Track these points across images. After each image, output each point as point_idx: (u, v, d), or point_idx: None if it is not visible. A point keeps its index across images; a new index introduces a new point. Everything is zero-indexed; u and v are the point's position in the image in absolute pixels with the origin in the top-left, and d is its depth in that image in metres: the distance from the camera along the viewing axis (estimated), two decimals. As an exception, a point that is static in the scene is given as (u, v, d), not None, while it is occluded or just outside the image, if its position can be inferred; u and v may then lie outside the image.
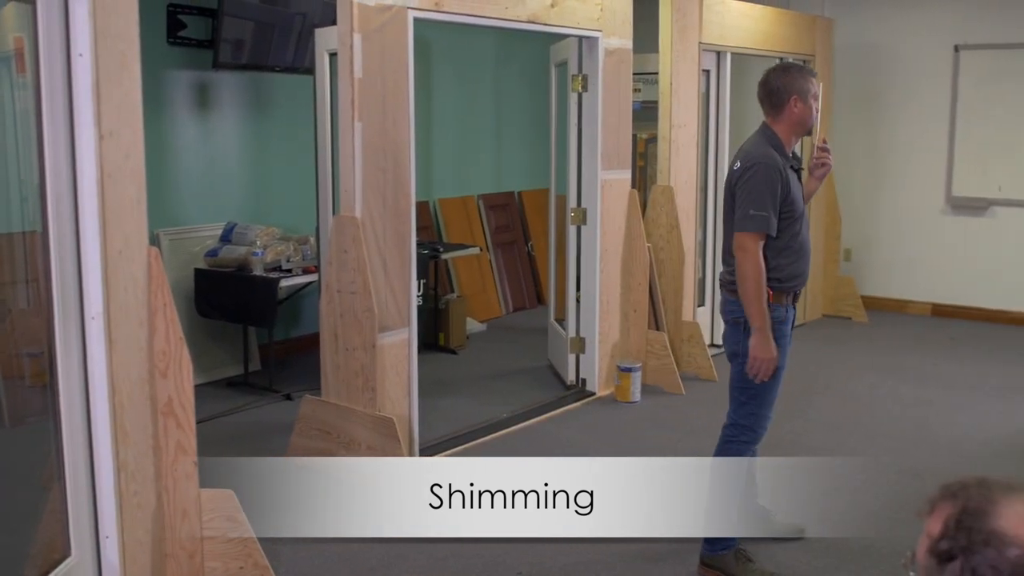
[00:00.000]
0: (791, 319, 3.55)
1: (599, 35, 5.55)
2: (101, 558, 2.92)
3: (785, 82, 3.47)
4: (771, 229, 3.35)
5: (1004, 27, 7.51)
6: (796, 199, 3.45)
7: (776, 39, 7.13)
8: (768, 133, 3.50)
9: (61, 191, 2.73)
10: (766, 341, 3.35)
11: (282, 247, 5.79)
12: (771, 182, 3.35)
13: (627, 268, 5.89)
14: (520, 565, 3.67)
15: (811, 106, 3.47)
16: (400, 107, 4.44)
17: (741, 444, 3.55)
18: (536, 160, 8.68)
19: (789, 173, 3.43)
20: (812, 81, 3.49)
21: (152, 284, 2.94)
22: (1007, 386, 6.05)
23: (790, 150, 3.53)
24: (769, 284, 3.41)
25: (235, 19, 5.78)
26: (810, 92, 3.47)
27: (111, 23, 2.75)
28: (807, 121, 3.49)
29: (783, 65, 3.60)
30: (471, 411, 5.51)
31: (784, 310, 3.49)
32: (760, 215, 3.33)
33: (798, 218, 3.47)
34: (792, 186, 3.44)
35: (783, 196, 3.38)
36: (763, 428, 3.56)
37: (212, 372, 6.04)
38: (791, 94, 3.45)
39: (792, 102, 3.45)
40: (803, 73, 3.49)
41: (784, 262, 3.46)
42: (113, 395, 2.86)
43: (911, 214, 8.07)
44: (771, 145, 3.46)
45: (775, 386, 3.50)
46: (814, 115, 3.49)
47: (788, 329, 3.51)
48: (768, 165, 3.37)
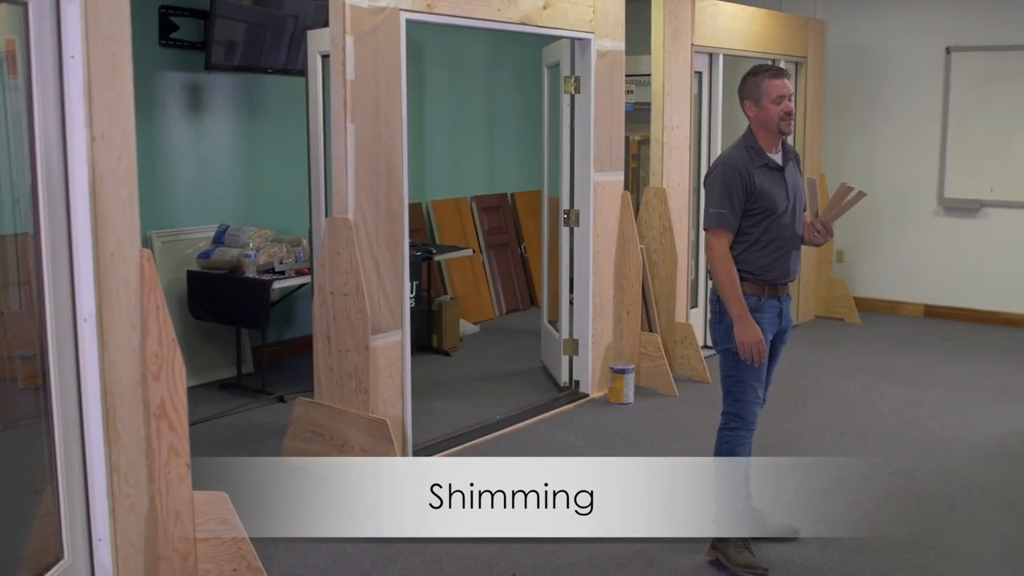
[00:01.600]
0: (773, 310, 3.62)
1: (591, 37, 5.55)
2: (94, 561, 2.92)
3: (739, 89, 3.65)
4: (727, 225, 3.51)
5: (996, 29, 7.54)
6: (767, 195, 3.53)
7: (768, 41, 7.15)
8: (746, 134, 3.64)
9: (53, 193, 2.72)
10: (746, 325, 3.51)
11: (275, 249, 5.78)
12: (729, 181, 3.51)
13: (620, 270, 5.89)
14: (514, 566, 3.67)
15: (768, 109, 3.53)
16: (393, 109, 4.44)
17: (731, 431, 3.66)
18: (529, 162, 8.69)
19: (761, 172, 3.53)
20: (767, 84, 3.53)
21: (144, 286, 2.94)
22: (999, 387, 6.07)
23: (773, 149, 3.60)
24: (742, 275, 3.55)
25: (227, 21, 5.78)
26: (765, 95, 3.53)
27: (103, 25, 2.75)
28: (767, 122, 3.56)
29: (750, 70, 3.66)
30: (464, 413, 5.51)
31: (758, 299, 3.58)
32: (717, 212, 3.52)
33: (771, 214, 3.55)
34: (762, 183, 3.52)
35: (748, 193, 3.51)
36: (751, 415, 3.63)
37: (205, 374, 6.03)
38: (743, 99, 3.61)
39: (746, 107, 3.60)
40: (757, 78, 3.57)
41: (756, 255, 3.56)
42: (106, 397, 2.85)
43: (903, 216, 8.10)
44: (746, 146, 3.59)
45: (756, 373, 3.59)
46: (774, 117, 3.53)
47: (765, 319, 3.59)
48: (728, 166, 3.54)
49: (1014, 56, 7.47)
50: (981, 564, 3.69)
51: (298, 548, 3.80)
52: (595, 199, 5.69)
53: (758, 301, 3.58)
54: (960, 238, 7.88)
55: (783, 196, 3.58)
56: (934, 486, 4.46)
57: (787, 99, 3.53)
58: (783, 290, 3.64)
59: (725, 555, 3.64)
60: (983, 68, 7.63)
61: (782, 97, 3.53)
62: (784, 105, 3.53)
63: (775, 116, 3.53)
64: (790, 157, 3.69)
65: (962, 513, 4.16)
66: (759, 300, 3.58)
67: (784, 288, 3.65)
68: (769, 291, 3.60)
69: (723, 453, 3.67)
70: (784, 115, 3.53)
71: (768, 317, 3.60)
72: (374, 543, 3.84)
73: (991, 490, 4.41)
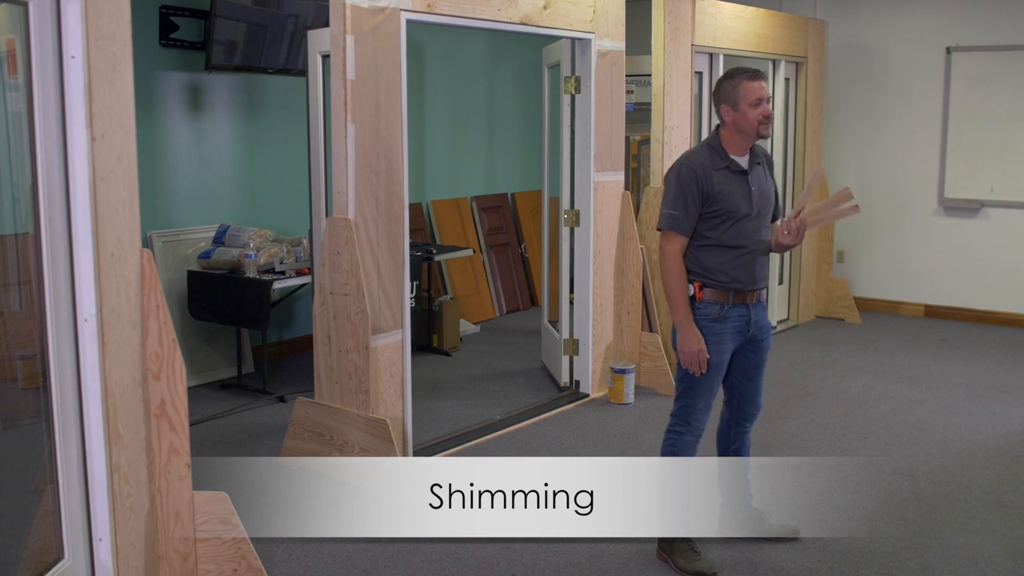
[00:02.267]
0: (739, 319, 3.53)
1: (592, 37, 5.55)
2: (94, 561, 2.92)
3: (715, 93, 3.57)
4: (680, 228, 3.45)
5: (996, 29, 7.54)
6: (727, 198, 3.45)
7: (768, 41, 7.16)
8: (712, 135, 3.58)
9: (53, 193, 2.72)
10: (687, 334, 3.46)
11: (275, 249, 5.78)
12: (684, 182, 3.44)
13: (620, 270, 5.89)
14: (515, 566, 3.67)
15: (746, 112, 3.45)
16: (393, 109, 4.44)
17: (676, 435, 3.62)
18: (529, 162, 8.69)
19: (721, 174, 3.46)
20: (744, 87, 3.45)
21: (145, 286, 2.94)
22: (999, 387, 6.07)
23: (741, 153, 3.52)
24: (705, 281, 3.49)
25: (227, 21, 5.78)
26: (743, 99, 3.45)
27: (103, 25, 2.75)
28: (745, 127, 3.48)
29: (726, 73, 3.59)
30: (464, 413, 5.51)
31: (720, 308, 3.50)
32: (669, 213, 3.45)
33: (730, 218, 3.46)
34: (721, 185, 3.45)
35: (704, 195, 3.44)
36: (698, 422, 3.60)
37: (205, 374, 6.04)
38: (719, 103, 3.54)
39: (723, 111, 3.53)
40: (734, 81, 3.48)
41: (717, 260, 3.48)
42: (106, 397, 2.85)
43: (903, 216, 8.10)
44: (709, 146, 3.53)
45: (707, 381, 3.54)
46: (753, 120, 3.46)
47: (728, 328, 3.52)
48: (685, 166, 3.47)
49: (1014, 56, 7.47)
50: (981, 564, 3.69)
51: (298, 548, 3.80)
52: (595, 199, 5.69)
53: (720, 310, 3.49)
54: (960, 238, 7.88)
55: (745, 200, 3.48)
56: (934, 486, 4.46)
57: (765, 102, 3.46)
58: (752, 297, 3.54)
59: (673, 561, 3.62)
60: (983, 68, 7.63)
61: (760, 100, 3.44)
62: (763, 108, 3.45)
63: (754, 120, 3.45)
64: (759, 161, 3.59)
65: (962, 513, 4.16)
66: (722, 309, 3.49)
67: (753, 295, 3.55)
68: (735, 298, 3.50)
69: (668, 455, 3.63)
70: (763, 118, 3.45)
71: (733, 327, 3.52)
72: (374, 543, 3.84)
73: (992, 490, 4.41)
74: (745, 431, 3.75)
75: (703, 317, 3.50)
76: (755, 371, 3.66)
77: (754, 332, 3.58)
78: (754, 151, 3.58)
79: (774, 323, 7.70)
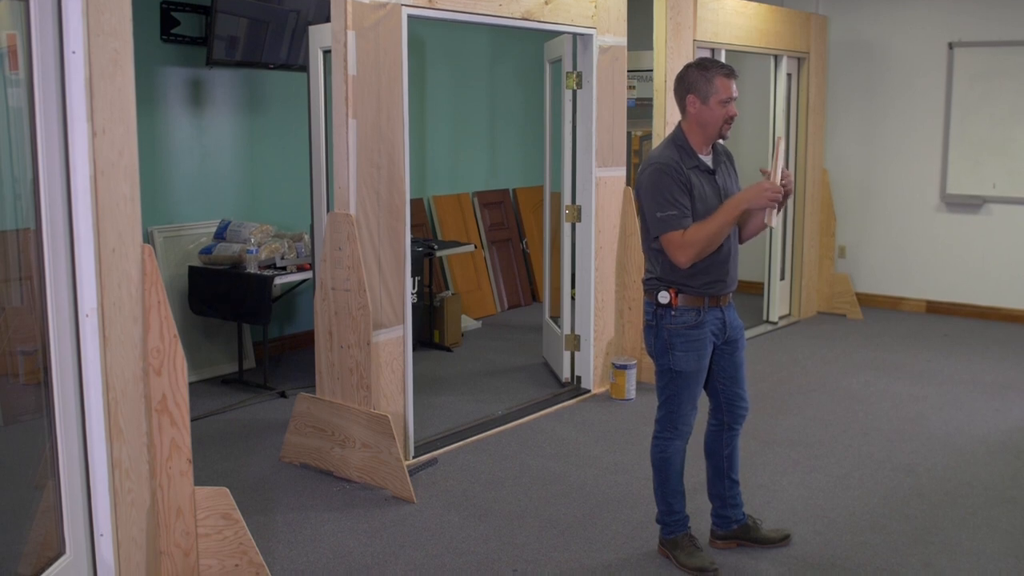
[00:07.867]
0: (715, 322, 3.50)
1: (593, 32, 5.55)
2: (96, 556, 2.92)
3: (681, 79, 3.42)
4: (678, 225, 3.31)
5: (998, 24, 7.53)
6: (702, 200, 3.38)
7: (770, 36, 7.14)
8: (676, 133, 3.48)
9: (54, 188, 2.72)
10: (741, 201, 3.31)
11: (276, 244, 5.78)
12: (664, 182, 3.33)
13: (622, 265, 5.89)
14: (516, 563, 3.67)
15: (713, 109, 3.35)
16: (394, 104, 4.44)
17: (664, 441, 3.60)
18: (530, 157, 8.69)
19: (693, 173, 3.38)
20: (718, 82, 3.33)
21: (146, 281, 2.94)
22: (1001, 383, 6.07)
23: (704, 150, 3.45)
24: (680, 287, 3.43)
25: (229, 16, 5.77)
26: (714, 94, 3.35)
27: (104, 20, 2.74)
28: (708, 123, 3.39)
29: (693, 62, 3.47)
30: (466, 409, 5.51)
31: (697, 314, 3.46)
32: (669, 214, 3.32)
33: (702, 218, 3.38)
34: (696, 188, 3.38)
35: (686, 190, 3.35)
36: (685, 425, 3.58)
37: (206, 369, 6.04)
38: (687, 92, 3.40)
39: (689, 101, 3.40)
40: (707, 73, 3.36)
41: (692, 266, 3.39)
42: (107, 392, 2.85)
43: (905, 211, 8.09)
44: (676, 146, 3.43)
45: (690, 387, 3.52)
46: (718, 119, 3.37)
47: (704, 334, 3.48)
48: (659, 166, 3.36)
49: (1017, 52, 7.45)
50: (983, 559, 3.69)
51: (299, 543, 3.80)
52: (597, 195, 5.68)
53: (697, 316, 3.45)
54: (962, 234, 7.87)
55: (716, 200, 3.42)
56: (936, 481, 4.46)
57: (733, 103, 3.37)
58: (725, 300, 3.52)
59: (675, 557, 3.61)
60: (985, 64, 7.62)
61: (730, 99, 3.36)
62: (730, 108, 3.36)
63: (719, 118, 3.37)
64: (722, 159, 3.54)
65: (964, 509, 4.16)
66: (699, 315, 3.45)
67: (726, 297, 3.52)
68: (710, 302, 3.47)
69: (657, 462, 3.62)
70: (729, 119, 3.38)
71: (710, 331, 3.49)
72: (375, 538, 3.84)
73: (993, 485, 4.41)
74: (737, 434, 3.72)
75: (680, 325, 3.45)
76: (736, 371, 3.63)
77: (730, 333, 3.56)
78: (716, 148, 3.51)
79: (776, 318, 7.70)
